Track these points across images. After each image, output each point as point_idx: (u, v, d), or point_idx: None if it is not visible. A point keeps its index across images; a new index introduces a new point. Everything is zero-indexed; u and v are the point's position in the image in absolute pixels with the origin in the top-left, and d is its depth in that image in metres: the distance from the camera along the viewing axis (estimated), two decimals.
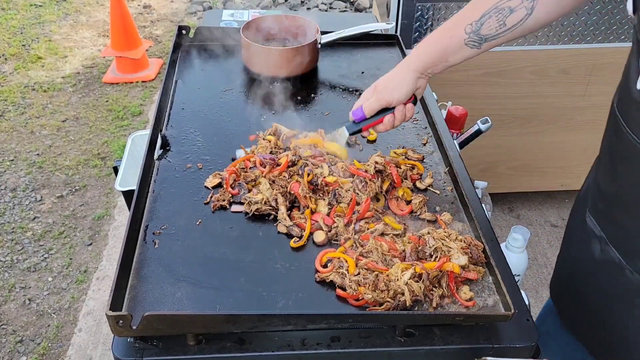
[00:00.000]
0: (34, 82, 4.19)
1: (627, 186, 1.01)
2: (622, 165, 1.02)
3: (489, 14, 1.12)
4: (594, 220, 1.16)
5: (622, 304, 1.10)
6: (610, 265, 1.10)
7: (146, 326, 0.90)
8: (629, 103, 0.95)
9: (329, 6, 5.45)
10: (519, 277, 1.75)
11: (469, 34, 1.15)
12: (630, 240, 1.04)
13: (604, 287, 1.14)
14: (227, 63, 1.85)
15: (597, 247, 1.14)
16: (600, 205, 1.13)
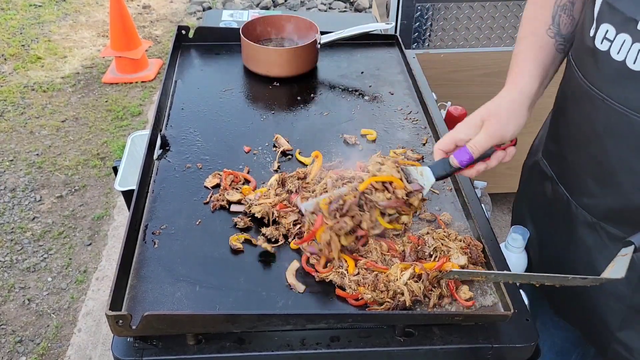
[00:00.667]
0: (34, 82, 4.19)
1: (575, 125, 1.10)
2: (572, 107, 1.10)
3: (557, 13, 1.11)
4: (545, 162, 1.26)
5: (569, 238, 1.19)
6: (560, 203, 1.20)
7: (146, 326, 0.90)
8: (581, 49, 1.04)
9: (329, 6, 5.45)
10: None
11: (554, 38, 1.11)
12: (576, 177, 1.13)
13: (555, 224, 1.24)
14: (227, 63, 1.85)
15: (549, 187, 1.24)
16: (552, 148, 1.23)
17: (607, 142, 1.01)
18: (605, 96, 0.98)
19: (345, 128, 1.55)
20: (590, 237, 1.13)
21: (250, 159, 1.43)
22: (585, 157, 1.09)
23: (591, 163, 1.07)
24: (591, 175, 1.08)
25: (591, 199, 1.11)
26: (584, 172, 1.10)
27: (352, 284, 1.05)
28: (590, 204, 1.11)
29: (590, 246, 1.14)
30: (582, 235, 1.15)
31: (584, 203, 1.13)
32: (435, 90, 1.85)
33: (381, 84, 1.77)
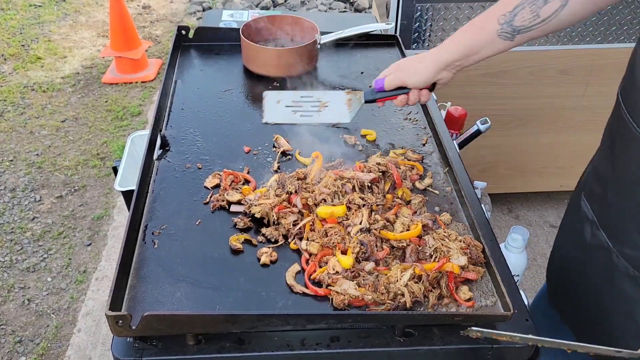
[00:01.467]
0: (34, 83, 4.19)
1: (623, 169, 1.05)
2: (621, 150, 1.05)
3: (523, 5, 1.11)
4: (587, 204, 1.20)
5: (607, 287, 1.14)
6: (599, 249, 1.14)
7: (145, 326, 0.90)
8: (632, 90, 0.99)
9: (329, 6, 5.45)
10: (518, 278, 1.75)
11: (502, 25, 1.14)
12: (619, 224, 1.08)
13: (592, 270, 1.18)
14: (227, 63, 1.85)
15: (588, 231, 1.18)
16: (596, 190, 1.17)
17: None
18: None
19: (345, 128, 1.55)
20: (632, 289, 1.08)
21: (250, 159, 1.43)
22: (629, 202, 1.03)
23: (634, 210, 1.02)
24: (634, 223, 1.03)
25: (635, 250, 1.05)
26: (629, 220, 1.05)
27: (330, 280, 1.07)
28: (634, 256, 1.05)
29: (631, 298, 1.09)
30: (623, 286, 1.09)
31: (627, 254, 1.07)
32: (435, 91, 1.84)
33: None
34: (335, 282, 1.06)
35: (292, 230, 1.18)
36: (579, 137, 2.74)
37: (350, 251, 1.10)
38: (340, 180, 1.25)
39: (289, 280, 1.08)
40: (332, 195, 1.22)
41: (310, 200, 1.21)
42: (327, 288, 1.06)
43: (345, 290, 1.03)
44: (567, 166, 2.89)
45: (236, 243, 1.16)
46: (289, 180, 1.27)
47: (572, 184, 2.97)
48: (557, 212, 3.15)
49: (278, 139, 1.47)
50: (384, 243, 1.15)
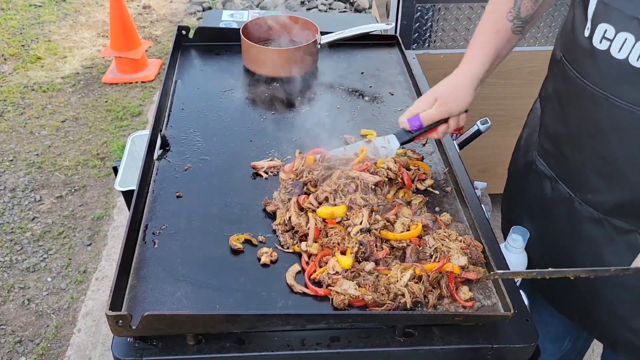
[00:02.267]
0: (34, 83, 4.19)
1: (576, 125, 1.11)
2: (572, 107, 1.12)
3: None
4: (543, 162, 1.27)
5: (572, 235, 1.21)
6: (561, 201, 1.21)
7: (146, 326, 0.90)
8: (575, 50, 1.06)
9: (329, 7, 5.45)
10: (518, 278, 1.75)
11: (512, 21, 1.18)
12: (579, 175, 1.15)
13: (556, 222, 1.25)
14: (227, 64, 1.85)
15: (548, 186, 1.25)
16: (549, 148, 1.24)
17: (613, 138, 1.02)
18: (608, 94, 0.99)
19: (345, 128, 1.55)
20: (596, 232, 1.15)
21: (254, 158, 1.42)
22: (589, 154, 1.10)
23: (595, 160, 1.08)
24: (596, 171, 1.09)
25: (597, 195, 1.11)
26: (588, 170, 1.11)
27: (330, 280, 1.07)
28: (596, 200, 1.12)
29: (597, 241, 1.15)
30: (588, 231, 1.16)
31: (589, 199, 1.14)
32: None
33: (381, 84, 1.77)
34: (335, 282, 1.06)
35: (301, 232, 1.18)
36: None
37: (350, 251, 1.10)
38: (345, 179, 1.24)
39: (289, 280, 1.08)
40: (333, 194, 1.22)
41: (313, 200, 1.21)
42: (327, 288, 1.06)
43: (346, 290, 1.04)
44: None
45: (236, 243, 1.16)
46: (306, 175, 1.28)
47: None
48: None
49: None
50: (384, 243, 1.15)
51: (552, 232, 1.29)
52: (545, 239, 1.32)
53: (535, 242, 1.35)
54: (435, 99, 1.26)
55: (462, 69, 1.25)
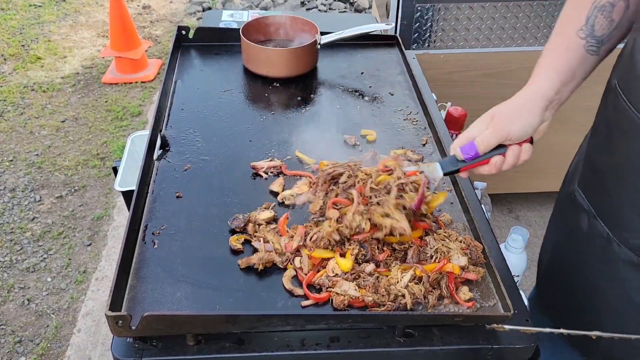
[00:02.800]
0: (33, 83, 4.19)
1: (622, 158, 1.03)
2: (620, 139, 1.03)
3: (593, 14, 1.03)
4: (582, 194, 1.17)
5: (606, 277, 1.12)
6: (598, 239, 1.11)
7: (145, 326, 0.90)
8: (631, 78, 0.98)
9: (329, 7, 5.45)
10: (519, 278, 1.76)
11: (585, 39, 1.04)
12: (620, 213, 1.06)
13: (589, 261, 1.16)
14: (227, 64, 1.85)
15: (584, 221, 1.15)
16: (590, 179, 1.14)
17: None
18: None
19: (345, 128, 1.55)
20: (633, 276, 1.06)
21: (254, 158, 1.42)
22: (632, 191, 1.01)
23: (638, 198, 1.01)
24: (637, 211, 1.02)
25: (637, 237, 1.03)
26: (629, 208, 1.03)
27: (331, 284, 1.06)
28: (636, 244, 1.04)
29: (633, 286, 1.07)
30: (624, 274, 1.08)
31: (628, 242, 1.05)
32: (435, 91, 1.85)
33: (381, 84, 1.77)
34: (335, 283, 1.06)
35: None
36: (579, 137, 2.73)
37: (350, 253, 1.10)
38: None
39: (287, 285, 1.08)
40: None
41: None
42: (327, 290, 1.06)
43: (345, 291, 1.03)
44: (567, 166, 2.88)
45: (236, 243, 1.16)
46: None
47: None
48: None
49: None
50: (385, 245, 1.14)
51: (584, 269, 1.19)
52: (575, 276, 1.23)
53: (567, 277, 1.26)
54: (492, 117, 1.04)
55: (527, 87, 1.06)
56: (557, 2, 2.32)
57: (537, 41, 2.42)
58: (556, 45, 1.06)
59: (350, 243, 1.11)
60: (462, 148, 1.05)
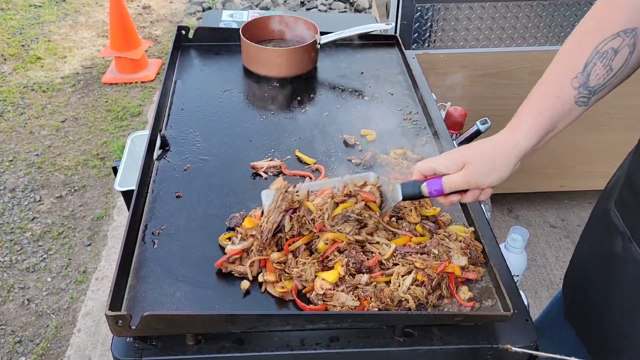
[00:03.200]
0: (33, 83, 4.19)
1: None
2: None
3: (593, 61, 0.95)
4: (618, 215, 1.09)
5: (637, 299, 1.05)
6: (631, 264, 1.04)
7: (145, 326, 0.90)
8: None
9: (329, 7, 5.45)
10: (518, 278, 1.75)
11: (578, 89, 0.97)
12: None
13: (621, 284, 1.09)
14: (227, 64, 1.85)
15: (619, 244, 1.08)
16: (629, 199, 1.06)
17: None
18: None
19: (345, 128, 1.55)
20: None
21: (254, 158, 1.42)
22: None
23: None
24: None
25: None
26: None
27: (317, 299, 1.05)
28: None
29: None
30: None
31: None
32: (435, 91, 1.85)
33: (381, 84, 1.77)
34: (330, 297, 1.04)
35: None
36: (579, 137, 2.74)
37: (339, 264, 1.07)
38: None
39: (279, 295, 1.06)
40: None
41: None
42: (324, 303, 1.05)
43: (343, 303, 1.02)
44: (567, 166, 2.89)
45: (225, 242, 1.16)
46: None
47: (572, 184, 2.97)
48: (557, 212, 3.15)
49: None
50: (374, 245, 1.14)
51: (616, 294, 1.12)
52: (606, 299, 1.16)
53: (596, 300, 1.19)
54: (464, 164, 1.01)
55: (506, 135, 1.00)
56: (556, 1, 2.32)
57: (537, 41, 2.42)
58: (545, 93, 0.99)
59: (333, 256, 1.10)
60: (428, 183, 1.04)
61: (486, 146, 1.00)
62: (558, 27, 2.38)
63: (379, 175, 1.17)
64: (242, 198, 1.29)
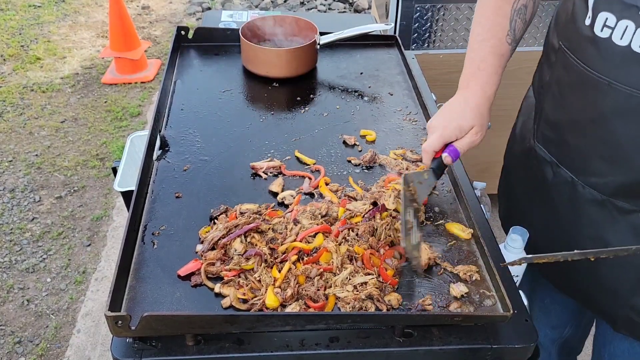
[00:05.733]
0: (33, 83, 4.19)
1: (578, 111, 1.13)
2: (573, 94, 1.14)
3: (514, 19, 1.21)
4: (543, 148, 1.28)
5: (574, 216, 1.23)
6: (563, 185, 1.23)
7: (145, 327, 0.90)
8: (577, 38, 1.09)
9: (328, 7, 5.46)
10: (518, 278, 1.75)
11: (511, 44, 1.23)
12: (582, 159, 1.17)
13: (557, 204, 1.26)
14: (226, 64, 1.85)
15: (549, 171, 1.26)
16: (549, 134, 1.25)
17: (616, 123, 1.05)
18: (611, 80, 1.02)
19: (344, 129, 1.55)
20: (598, 213, 1.17)
21: (253, 159, 1.43)
22: (592, 139, 1.12)
23: (598, 144, 1.11)
24: (599, 156, 1.12)
25: (599, 177, 1.14)
26: (591, 154, 1.13)
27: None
28: (599, 183, 1.15)
29: (599, 222, 1.18)
30: (590, 213, 1.19)
31: (592, 182, 1.16)
32: (435, 91, 1.85)
33: (380, 84, 1.77)
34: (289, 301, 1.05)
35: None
36: None
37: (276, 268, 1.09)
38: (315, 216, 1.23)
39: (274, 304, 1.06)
40: None
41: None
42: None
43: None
44: None
45: (205, 235, 1.17)
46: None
47: None
48: None
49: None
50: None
51: (554, 216, 1.30)
52: (547, 224, 1.34)
53: (538, 227, 1.36)
54: (460, 127, 1.19)
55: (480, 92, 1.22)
56: (556, 2, 2.32)
57: (537, 41, 2.42)
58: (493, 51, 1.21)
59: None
60: (450, 153, 1.18)
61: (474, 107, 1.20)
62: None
63: (405, 175, 1.19)
64: (241, 198, 1.29)
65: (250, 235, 1.15)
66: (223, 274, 1.09)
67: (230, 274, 1.08)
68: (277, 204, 1.28)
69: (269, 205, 1.26)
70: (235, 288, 1.06)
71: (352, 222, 1.20)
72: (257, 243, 1.14)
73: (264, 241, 1.14)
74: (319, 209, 1.23)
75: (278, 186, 1.32)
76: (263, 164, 1.39)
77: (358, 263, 1.11)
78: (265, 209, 1.24)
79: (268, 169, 1.38)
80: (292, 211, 1.23)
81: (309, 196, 1.31)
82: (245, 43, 1.74)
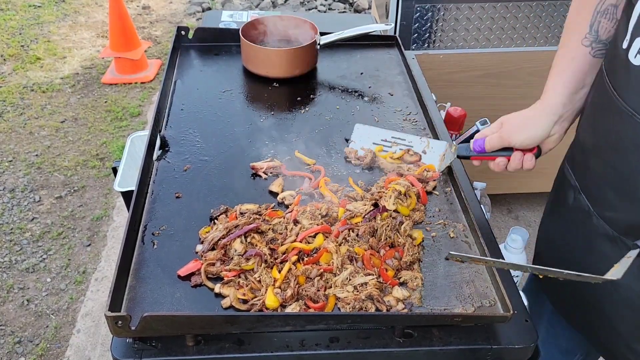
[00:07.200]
0: (33, 83, 4.19)
1: (602, 136, 1.08)
2: (601, 115, 1.08)
3: (597, 20, 1.09)
4: (570, 170, 1.24)
5: (587, 248, 1.18)
6: (580, 212, 1.18)
7: (145, 327, 0.90)
8: (614, 59, 1.02)
9: (328, 7, 5.46)
10: (518, 278, 1.76)
11: (591, 45, 1.11)
12: (599, 188, 1.12)
13: (574, 234, 1.22)
14: (226, 64, 1.85)
15: (571, 196, 1.22)
16: (577, 156, 1.21)
17: (632, 156, 0.99)
18: (633, 111, 0.95)
19: (344, 129, 1.55)
20: (610, 249, 1.11)
21: (253, 159, 1.43)
22: (609, 168, 1.06)
23: (613, 175, 1.05)
24: (613, 187, 1.06)
25: (612, 212, 1.08)
26: (606, 184, 1.08)
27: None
28: (612, 217, 1.09)
29: (610, 257, 1.10)
30: (602, 246, 1.13)
31: (605, 215, 1.10)
32: (435, 91, 1.85)
33: (381, 84, 1.77)
34: (290, 301, 1.04)
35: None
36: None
37: (276, 269, 1.09)
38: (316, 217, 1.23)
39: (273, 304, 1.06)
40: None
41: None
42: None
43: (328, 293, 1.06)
44: None
45: (206, 235, 1.16)
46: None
47: None
48: None
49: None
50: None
51: (567, 241, 1.25)
52: (560, 248, 1.28)
53: (548, 248, 1.32)
54: (502, 123, 1.19)
55: (540, 101, 1.16)
56: (556, 2, 2.32)
57: (537, 41, 2.42)
58: (561, 58, 1.14)
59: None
60: (474, 141, 1.23)
61: (524, 110, 1.17)
62: (558, 28, 2.38)
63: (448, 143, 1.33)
64: (241, 198, 1.29)
65: (251, 236, 1.15)
66: (223, 274, 1.09)
67: (230, 274, 1.08)
68: (277, 204, 1.28)
69: (269, 206, 1.26)
70: (235, 288, 1.06)
71: (353, 223, 1.20)
72: (257, 243, 1.14)
73: (264, 241, 1.14)
74: (319, 209, 1.23)
75: (278, 186, 1.32)
76: (263, 164, 1.38)
77: (358, 263, 1.11)
78: (265, 209, 1.24)
79: (268, 169, 1.38)
80: (292, 211, 1.23)
81: (308, 196, 1.31)
82: (245, 43, 1.74)
